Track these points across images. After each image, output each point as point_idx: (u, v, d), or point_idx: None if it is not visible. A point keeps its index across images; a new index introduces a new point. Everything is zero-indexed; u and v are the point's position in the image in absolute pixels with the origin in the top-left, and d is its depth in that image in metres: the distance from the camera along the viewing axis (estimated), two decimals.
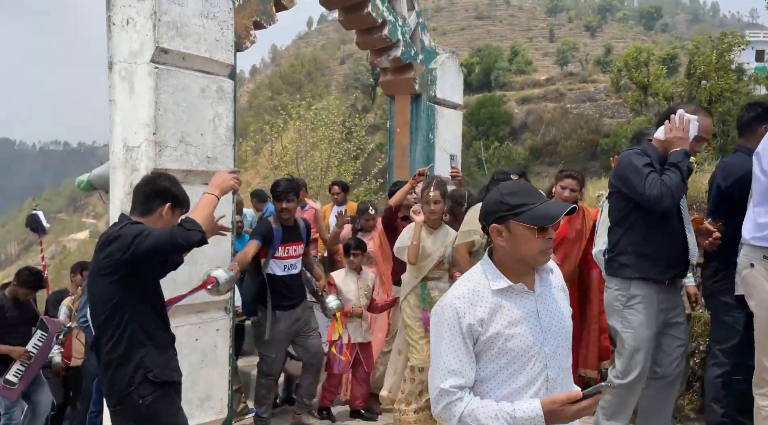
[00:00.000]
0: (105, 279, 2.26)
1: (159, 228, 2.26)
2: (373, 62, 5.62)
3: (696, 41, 17.47)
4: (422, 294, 3.87)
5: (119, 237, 2.22)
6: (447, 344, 1.65)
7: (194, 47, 3.33)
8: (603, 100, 33.52)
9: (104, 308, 2.29)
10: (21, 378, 4.59)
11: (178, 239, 2.16)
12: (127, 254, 2.18)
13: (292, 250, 4.08)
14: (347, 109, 28.52)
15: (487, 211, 1.72)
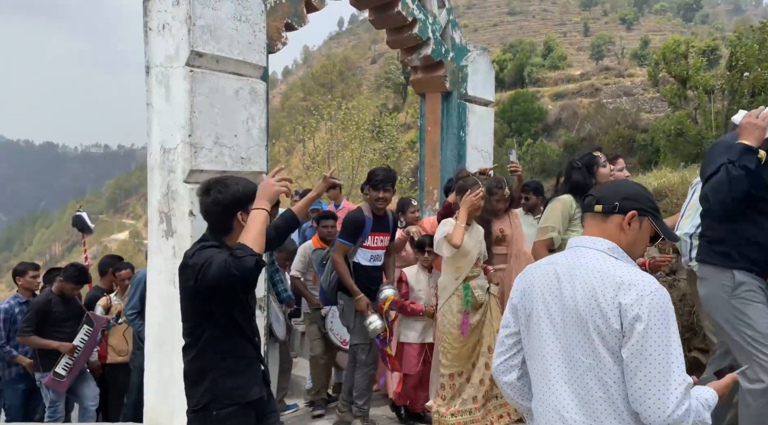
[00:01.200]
0: (186, 300, 2.23)
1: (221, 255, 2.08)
2: (404, 61, 5.61)
3: (738, 31, 16.88)
4: (466, 295, 3.72)
5: (190, 267, 2.13)
6: (676, 335, 1.52)
7: (227, 50, 3.39)
8: (640, 94, 32.73)
9: (187, 320, 2.26)
10: (69, 372, 4.77)
11: (233, 270, 1.99)
12: (196, 284, 2.10)
13: (380, 241, 4.01)
14: (378, 108, 28.58)
15: (635, 198, 1.72)
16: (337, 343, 4.58)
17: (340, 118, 17.45)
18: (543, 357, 1.67)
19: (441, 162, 5.64)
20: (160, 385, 3.38)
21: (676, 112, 16.92)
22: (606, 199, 1.73)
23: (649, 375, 1.48)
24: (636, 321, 1.49)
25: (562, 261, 1.71)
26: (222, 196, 2.24)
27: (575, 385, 1.60)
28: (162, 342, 3.38)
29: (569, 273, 1.65)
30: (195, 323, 2.22)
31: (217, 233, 2.28)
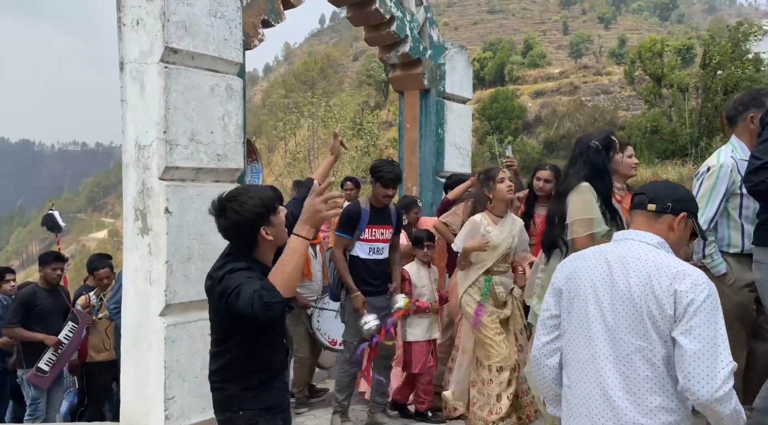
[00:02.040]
0: (216, 315, 2.12)
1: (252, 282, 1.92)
2: (382, 58, 5.64)
3: (711, 31, 17.22)
4: (485, 287, 3.60)
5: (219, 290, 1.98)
6: (723, 323, 1.65)
7: (203, 46, 3.37)
8: (618, 92, 33.17)
9: (215, 332, 2.15)
10: (52, 367, 4.73)
11: (257, 313, 1.85)
12: (227, 307, 1.97)
13: (379, 233, 3.90)
14: (360, 105, 28.54)
15: (686, 200, 1.88)
16: (325, 343, 4.53)
17: (321, 115, 17.42)
18: (589, 338, 1.79)
19: (420, 159, 5.67)
20: (137, 383, 3.37)
21: (652, 109, 17.21)
22: (659, 199, 1.86)
23: (698, 353, 1.61)
24: (689, 306, 1.64)
25: (613, 251, 1.83)
26: (240, 216, 2.02)
27: (621, 365, 1.72)
28: (139, 340, 3.36)
29: (622, 262, 1.78)
30: (223, 336, 2.11)
31: (245, 252, 2.08)
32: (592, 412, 1.76)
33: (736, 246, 3.10)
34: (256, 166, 5.22)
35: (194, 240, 3.33)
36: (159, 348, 3.23)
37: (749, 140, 3.06)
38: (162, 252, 3.22)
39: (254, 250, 2.08)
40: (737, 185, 3.06)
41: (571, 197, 2.99)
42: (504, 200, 3.68)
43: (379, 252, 3.92)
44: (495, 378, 3.52)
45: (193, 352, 3.34)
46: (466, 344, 3.82)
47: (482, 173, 3.86)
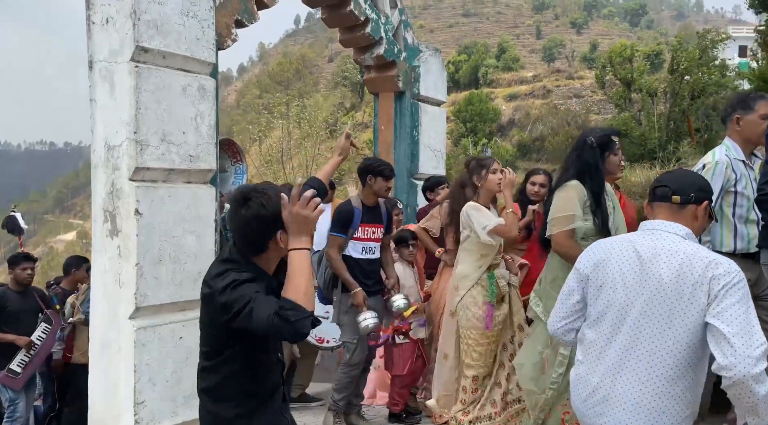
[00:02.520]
0: (210, 328, 1.92)
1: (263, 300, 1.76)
2: (357, 60, 5.64)
3: (679, 37, 17.67)
4: (491, 285, 3.49)
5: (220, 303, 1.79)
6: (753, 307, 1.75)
7: (175, 46, 3.33)
8: (589, 96, 33.82)
9: (207, 345, 1.96)
10: (24, 368, 4.62)
11: (284, 334, 1.71)
12: (228, 322, 1.80)
13: (371, 232, 3.86)
14: (335, 106, 28.48)
15: (706, 189, 1.99)
16: (313, 342, 4.48)
17: (293, 115, 17.31)
18: (614, 326, 1.88)
19: (395, 161, 5.69)
20: (106, 388, 3.31)
21: (622, 113, 17.57)
22: (683, 190, 1.94)
23: (735, 333, 1.68)
24: (723, 289, 1.74)
25: (642, 241, 1.91)
26: (266, 211, 1.83)
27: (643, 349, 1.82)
28: (108, 344, 3.31)
29: (652, 252, 1.86)
30: (218, 348, 1.91)
31: (247, 251, 1.90)
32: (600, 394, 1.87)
33: (728, 246, 3.09)
34: (240, 166, 5.13)
35: (165, 242, 3.29)
36: (129, 352, 3.18)
37: (740, 140, 3.15)
38: (132, 254, 3.17)
39: (259, 254, 1.89)
40: (732, 183, 3.07)
41: (555, 194, 2.99)
42: (492, 191, 3.63)
43: (372, 252, 3.89)
44: (480, 386, 3.48)
45: (164, 356, 3.29)
46: (447, 349, 3.70)
47: (475, 159, 3.80)
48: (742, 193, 3.07)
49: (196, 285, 3.45)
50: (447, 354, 3.71)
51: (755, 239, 3.04)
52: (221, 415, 1.92)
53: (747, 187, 3.09)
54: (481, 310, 3.46)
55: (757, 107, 3.09)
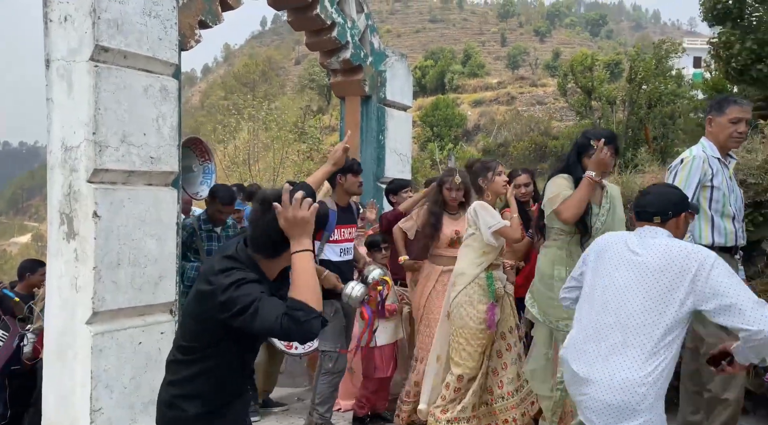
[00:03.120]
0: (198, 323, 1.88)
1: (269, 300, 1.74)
2: (323, 63, 5.64)
3: (637, 47, 18.25)
4: (490, 285, 3.45)
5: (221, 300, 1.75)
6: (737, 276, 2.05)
7: (136, 46, 3.28)
8: (552, 103, 34.56)
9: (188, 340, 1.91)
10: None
11: (294, 337, 1.70)
12: (225, 319, 1.76)
13: (347, 233, 3.81)
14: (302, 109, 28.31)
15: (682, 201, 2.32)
16: (281, 347, 4.32)
17: (262, 118, 17.14)
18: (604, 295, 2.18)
19: (361, 165, 5.70)
20: (61, 395, 3.21)
21: (583, 120, 18.03)
22: (662, 211, 2.24)
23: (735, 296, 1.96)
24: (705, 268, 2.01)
25: (633, 236, 2.24)
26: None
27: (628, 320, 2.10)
28: (63, 350, 3.21)
29: (641, 243, 2.19)
30: (201, 344, 1.88)
31: (258, 252, 1.86)
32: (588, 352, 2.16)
33: (707, 239, 3.17)
34: (209, 166, 5.01)
35: (124, 246, 3.22)
36: (85, 358, 3.10)
37: (715, 140, 3.28)
38: (89, 258, 3.09)
39: (270, 259, 1.88)
40: (708, 177, 3.18)
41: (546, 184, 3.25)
42: (498, 193, 3.64)
43: (348, 253, 3.83)
44: (464, 386, 3.46)
45: (122, 362, 3.22)
46: (440, 351, 3.60)
47: (479, 162, 3.80)
48: (719, 188, 3.18)
49: (157, 290, 3.41)
50: (440, 356, 3.62)
51: (732, 234, 3.19)
52: (185, 411, 1.88)
53: (723, 183, 3.21)
54: (475, 310, 3.43)
55: (727, 111, 3.23)
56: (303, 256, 1.77)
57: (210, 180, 4.77)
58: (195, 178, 4.74)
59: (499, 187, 3.61)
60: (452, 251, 3.78)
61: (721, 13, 7.41)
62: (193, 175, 4.71)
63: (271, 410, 4.51)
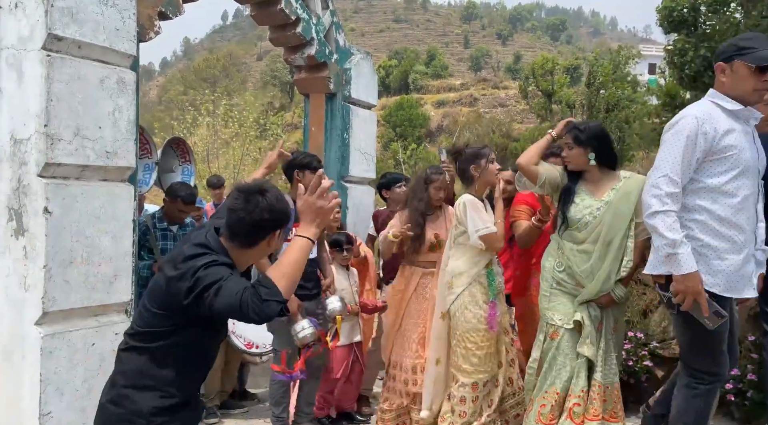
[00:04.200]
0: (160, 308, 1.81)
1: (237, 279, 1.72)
2: (287, 59, 5.57)
3: (596, 53, 18.76)
4: (491, 282, 3.30)
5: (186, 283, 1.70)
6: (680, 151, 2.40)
7: (91, 35, 3.15)
8: (513, 105, 35.15)
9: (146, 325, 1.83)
10: None
11: (250, 313, 1.63)
12: (189, 302, 1.71)
13: None
14: (264, 106, 27.97)
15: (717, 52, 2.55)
16: (241, 347, 4.23)
17: (221, 114, 16.83)
18: None
19: (325, 163, 5.65)
20: (9, 399, 3.06)
21: (543, 123, 18.41)
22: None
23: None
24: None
25: None
26: (277, 205, 1.81)
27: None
28: (11, 352, 3.06)
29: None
30: (157, 331, 1.81)
31: (232, 240, 1.83)
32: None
33: None
34: (188, 167, 4.89)
35: (77, 243, 3.09)
36: (34, 360, 2.96)
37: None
38: (39, 256, 2.96)
39: (244, 250, 1.84)
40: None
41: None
42: (490, 183, 3.44)
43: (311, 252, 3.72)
44: (481, 393, 3.23)
45: (74, 364, 3.09)
46: (438, 354, 3.38)
47: (470, 148, 3.53)
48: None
49: (112, 289, 3.29)
50: (439, 359, 3.38)
51: None
52: (138, 403, 1.79)
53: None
54: (482, 310, 3.24)
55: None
56: (303, 242, 1.75)
57: (188, 180, 4.68)
58: (174, 177, 4.68)
59: (492, 176, 3.41)
60: (432, 256, 3.62)
61: (676, 21, 7.68)
62: (173, 175, 4.65)
63: (230, 412, 4.42)
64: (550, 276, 3.13)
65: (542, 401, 3.06)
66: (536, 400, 3.09)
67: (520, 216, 3.62)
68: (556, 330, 3.07)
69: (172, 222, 4.21)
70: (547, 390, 3.06)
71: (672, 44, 7.88)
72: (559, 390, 3.04)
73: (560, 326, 3.06)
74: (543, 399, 3.06)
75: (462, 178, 3.50)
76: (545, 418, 3.04)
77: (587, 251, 3.02)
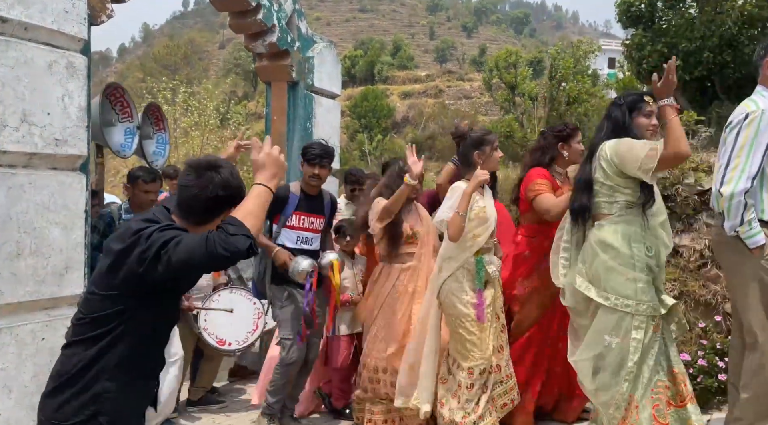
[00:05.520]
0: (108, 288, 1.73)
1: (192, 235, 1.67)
2: (248, 46, 5.45)
3: (557, 46, 19.06)
4: (479, 271, 3.11)
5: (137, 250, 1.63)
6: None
7: (39, 17, 3.01)
8: (478, 97, 35.44)
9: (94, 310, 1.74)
10: None
11: (218, 249, 1.55)
12: (145, 267, 1.62)
13: (308, 222, 3.64)
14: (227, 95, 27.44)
15: None
16: (213, 344, 4.07)
17: (180, 102, 16.41)
18: None
19: (287, 153, 5.57)
20: None
21: (506, 115, 18.64)
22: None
23: None
24: None
25: None
26: (232, 181, 1.79)
27: None
28: None
29: None
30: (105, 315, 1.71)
31: (185, 218, 1.78)
32: None
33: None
34: (162, 135, 4.69)
35: (25, 235, 2.96)
36: None
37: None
38: None
39: (197, 227, 1.77)
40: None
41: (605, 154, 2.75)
42: (494, 169, 3.28)
43: (309, 243, 3.65)
44: (477, 380, 3.10)
45: (23, 359, 2.97)
46: (434, 344, 3.26)
47: (473, 132, 3.38)
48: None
49: (62, 282, 3.17)
50: (435, 349, 3.30)
51: None
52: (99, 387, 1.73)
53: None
54: (469, 296, 3.11)
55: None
56: (262, 189, 1.77)
57: (163, 151, 4.50)
58: (148, 146, 4.50)
59: (495, 164, 3.26)
60: (407, 248, 3.51)
61: (634, 16, 7.85)
62: (148, 143, 4.48)
63: (208, 407, 4.34)
64: (642, 264, 2.73)
65: (654, 401, 2.72)
66: (643, 403, 2.72)
67: (542, 190, 3.34)
68: (658, 323, 2.76)
69: (139, 211, 4.05)
70: (653, 389, 2.74)
71: (630, 39, 8.05)
72: (668, 381, 2.78)
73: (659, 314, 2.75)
74: (653, 400, 2.72)
75: (462, 161, 3.32)
76: (663, 418, 2.72)
77: (664, 226, 2.81)
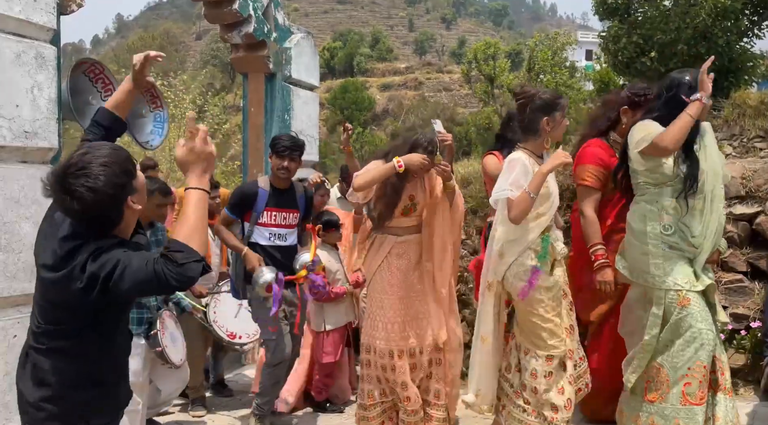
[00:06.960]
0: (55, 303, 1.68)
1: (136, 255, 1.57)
2: (224, 37, 5.38)
3: (535, 38, 19.17)
4: (545, 248, 2.78)
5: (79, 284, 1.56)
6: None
7: (5, 6, 2.92)
8: (457, 90, 35.54)
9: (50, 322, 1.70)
10: None
11: (170, 282, 1.50)
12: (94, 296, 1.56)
13: (280, 218, 3.53)
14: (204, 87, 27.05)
15: None
16: (224, 337, 4.00)
17: None
18: None
19: (265, 145, 5.52)
20: None
21: (485, 107, 18.72)
22: None
23: None
24: None
25: None
26: (98, 195, 1.57)
27: None
28: None
29: None
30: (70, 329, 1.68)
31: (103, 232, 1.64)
32: None
33: None
34: (161, 113, 4.50)
35: None
36: None
37: None
38: None
39: (116, 227, 1.66)
40: None
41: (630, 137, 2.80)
42: (558, 139, 2.96)
43: (283, 239, 3.54)
44: (553, 369, 2.79)
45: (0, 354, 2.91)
46: (483, 331, 2.96)
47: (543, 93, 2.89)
48: None
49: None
50: (484, 337, 2.95)
51: None
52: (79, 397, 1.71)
53: None
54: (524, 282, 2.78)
55: None
56: (200, 194, 1.61)
57: (161, 129, 4.20)
58: (144, 125, 4.17)
59: (561, 132, 2.88)
60: (405, 221, 3.17)
61: (610, 8, 7.90)
62: (143, 122, 4.15)
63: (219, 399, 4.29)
64: (658, 241, 2.74)
65: (687, 379, 2.67)
66: (675, 378, 2.70)
67: (587, 180, 3.15)
68: (685, 295, 2.69)
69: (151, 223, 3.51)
70: (690, 367, 2.66)
71: (606, 31, 8.12)
72: (706, 362, 2.67)
73: (688, 289, 2.69)
74: (687, 378, 2.67)
75: (525, 128, 2.88)
76: (694, 398, 2.66)
77: (696, 207, 2.74)
